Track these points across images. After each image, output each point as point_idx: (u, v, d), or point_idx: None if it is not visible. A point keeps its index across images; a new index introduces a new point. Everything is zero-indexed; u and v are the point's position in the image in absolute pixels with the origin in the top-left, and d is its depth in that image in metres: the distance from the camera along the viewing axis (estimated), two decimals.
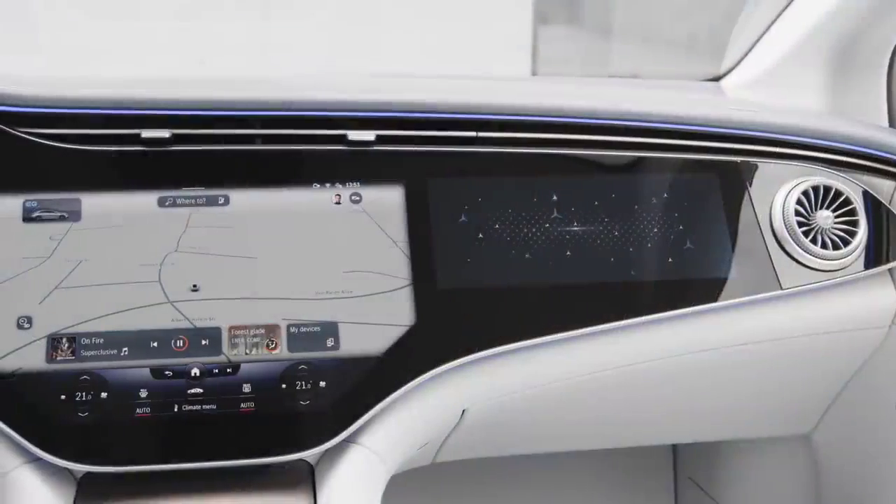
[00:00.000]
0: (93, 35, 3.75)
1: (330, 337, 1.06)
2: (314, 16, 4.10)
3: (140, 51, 3.61)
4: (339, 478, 1.03)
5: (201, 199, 1.10)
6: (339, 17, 4.15)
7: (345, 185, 1.12)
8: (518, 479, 1.72)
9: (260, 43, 4.01)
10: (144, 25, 3.86)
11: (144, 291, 1.05)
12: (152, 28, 3.85)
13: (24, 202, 1.07)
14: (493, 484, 1.71)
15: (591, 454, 1.69)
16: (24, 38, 3.51)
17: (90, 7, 3.82)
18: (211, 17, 4.02)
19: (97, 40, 3.68)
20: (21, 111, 1.11)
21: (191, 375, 1.03)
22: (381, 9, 4.21)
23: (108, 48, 3.60)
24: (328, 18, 4.14)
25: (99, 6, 3.85)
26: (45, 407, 1.00)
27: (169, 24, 3.91)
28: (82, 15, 3.88)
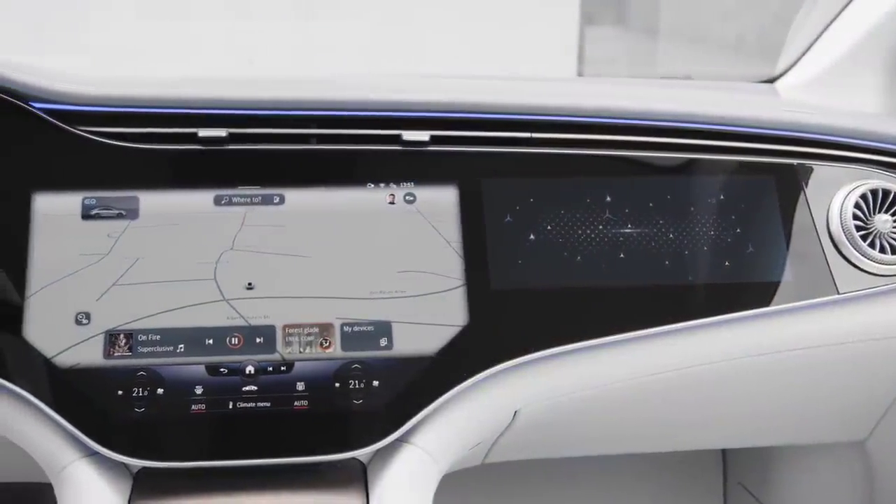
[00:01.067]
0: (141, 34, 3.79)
1: (383, 336, 1.06)
2: (360, 16, 4.11)
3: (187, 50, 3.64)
4: (392, 477, 1.03)
5: (257, 198, 1.10)
6: (385, 18, 4.16)
7: (399, 185, 1.13)
8: (566, 480, 1.71)
9: (305, 43, 4.03)
10: (191, 25, 3.89)
11: (200, 289, 1.06)
12: (199, 28, 3.88)
13: (83, 200, 1.08)
14: (540, 485, 1.70)
15: (639, 457, 1.68)
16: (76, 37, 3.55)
17: (140, 6, 3.86)
18: (257, 17, 4.04)
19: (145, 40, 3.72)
20: (81, 110, 1.12)
21: (245, 373, 1.04)
22: (426, 10, 4.21)
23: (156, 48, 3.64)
24: (374, 19, 4.15)
25: (148, 6, 3.89)
26: (102, 402, 1.01)
27: (215, 25, 3.94)
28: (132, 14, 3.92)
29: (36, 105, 1.11)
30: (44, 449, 1.02)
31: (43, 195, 1.08)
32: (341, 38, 4.04)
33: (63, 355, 1.03)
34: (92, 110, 1.12)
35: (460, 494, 1.36)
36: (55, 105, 1.12)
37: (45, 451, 1.02)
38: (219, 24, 3.96)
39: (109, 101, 1.12)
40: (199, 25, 3.91)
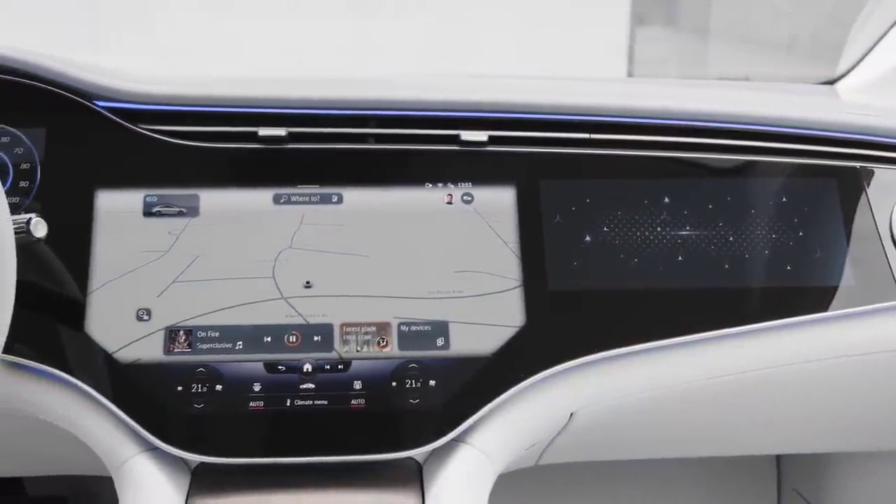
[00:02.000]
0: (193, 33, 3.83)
1: (440, 336, 1.06)
2: (412, 17, 4.12)
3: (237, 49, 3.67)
4: (448, 477, 1.03)
5: (315, 197, 1.11)
6: (435, 18, 4.16)
7: (457, 185, 1.13)
8: (617, 483, 1.70)
9: (357, 43, 4.05)
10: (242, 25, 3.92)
11: (259, 287, 1.07)
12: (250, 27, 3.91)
13: (144, 197, 1.10)
14: (590, 488, 1.70)
15: (692, 461, 1.67)
16: (131, 37, 3.59)
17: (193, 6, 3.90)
18: (309, 17, 4.07)
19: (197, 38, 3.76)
20: (143, 108, 1.14)
21: (303, 371, 1.04)
22: (476, 10, 4.21)
23: (207, 46, 3.67)
24: (425, 19, 4.16)
25: (201, 5, 3.92)
26: (162, 397, 1.03)
27: (266, 24, 3.96)
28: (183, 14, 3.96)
29: (99, 104, 1.13)
30: (105, 443, 1.03)
31: (105, 192, 1.10)
32: (393, 38, 4.05)
33: (124, 351, 1.04)
34: (154, 109, 1.13)
35: (511, 495, 1.36)
36: (118, 104, 1.13)
37: (107, 446, 1.04)
38: (270, 24, 3.99)
39: (171, 100, 1.14)
40: (250, 25, 3.94)
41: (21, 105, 1.13)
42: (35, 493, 1.62)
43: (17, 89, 1.13)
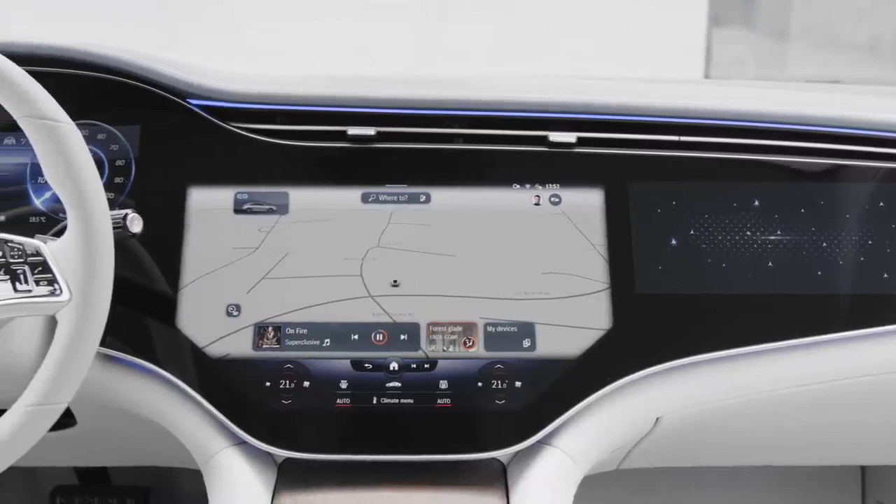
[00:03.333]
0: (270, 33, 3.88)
1: (526, 337, 1.06)
2: (486, 18, 4.12)
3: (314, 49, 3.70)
4: (533, 478, 1.03)
5: (403, 197, 1.12)
6: (511, 19, 4.16)
7: (544, 186, 1.12)
8: (698, 490, 1.68)
9: (430, 44, 4.06)
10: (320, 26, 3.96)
11: (347, 285, 1.08)
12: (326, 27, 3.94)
13: (235, 194, 1.11)
14: (669, 494, 1.68)
15: (774, 469, 1.64)
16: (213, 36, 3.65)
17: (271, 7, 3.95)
18: (383, 18, 4.09)
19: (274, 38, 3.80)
20: (235, 107, 1.15)
21: (389, 369, 1.05)
22: (552, 11, 4.20)
23: (284, 46, 3.71)
24: (499, 20, 4.16)
25: (279, 6, 3.97)
26: (251, 392, 1.04)
27: (342, 25, 3.99)
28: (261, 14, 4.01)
29: (193, 102, 1.15)
30: (195, 436, 1.05)
31: (197, 189, 1.11)
32: (467, 39, 4.05)
33: (214, 346, 1.05)
34: (246, 107, 1.15)
35: (589, 499, 1.35)
36: (211, 102, 1.15)
37: (196, 439, 1.05)
38: (343, 25, 4.02)
39: (262, 99, 1.15)
40: (325, 26, 3.98)
41: (117, 103, 1.15)
42: (119, 482, 1.65)
43: (114, 87, 1.16)
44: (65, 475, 1.63)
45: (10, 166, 1.14)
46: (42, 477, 1.64)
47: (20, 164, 1.14)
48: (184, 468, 1.41)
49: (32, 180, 1.13)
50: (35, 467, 1.57)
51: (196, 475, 1.51)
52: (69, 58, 1.14)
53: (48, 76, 0.94)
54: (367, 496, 1.02)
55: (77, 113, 0.92)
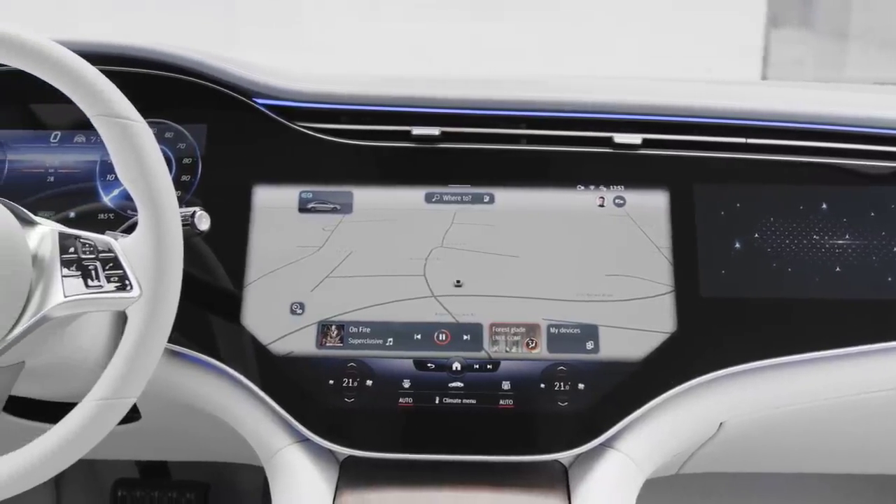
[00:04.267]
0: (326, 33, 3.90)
1: (590, 340, 1.06)
2: (539, 18, 4.11)
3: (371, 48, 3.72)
4: (595, 482, 1.02)
5: (467, 197, 1.12)
6: (565, 19, 4.14)
7: (609, 187, 1.12)
8: (757, 495, 1.66)
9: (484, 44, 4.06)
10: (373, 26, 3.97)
11: (410, 284, 1.08)
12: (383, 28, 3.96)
13: (300, 193, 1.12)
14: (730, 498, 1.66)
15: (838, 477, 1.61)
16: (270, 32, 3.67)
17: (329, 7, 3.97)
18: (438, 18, 4.10)
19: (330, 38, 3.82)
20: (300, 106, 1.16)
21: (452, 369, 1.05)
22: (607, 11, 4.18)
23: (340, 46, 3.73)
24: (553, 20, 4.14)
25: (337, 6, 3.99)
26: (314, 390, 1.05)
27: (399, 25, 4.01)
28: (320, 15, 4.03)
29: (259, 101, 1.16)
30: (258, 433, 1.06)
31: (262, 188, 1.12)
32: (520, 38, 4.04)
33: (278, 343, 1.06)
34: (311, 107, 1.16)
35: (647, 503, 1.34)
36: (276, 101, 1.16)
37: (260, 436, 1.06)
38: (398, 25, 4.03)
39: (328, 98, 1.16)
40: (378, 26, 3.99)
41: (184, 101, 1.17)
42: (178, 477, 1.67)
43: (181, 86, 1.17)
44: (126, 468, 1.65)
45: (81, 164, 1.16)
46: (103, 470, 1.66)
47: (90, 162, 1.16)
48: (241, 464, 1.42)
49: (102, 178, 1.15)
50: (96, 460, 1.59)
51: (254, 471, 1.52)
52: (139, 57, 1.16)
53: (118, 75, 0.95)
54: (428, 496, 1.02)
55: (145, 111, 0.93)
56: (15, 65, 0.90)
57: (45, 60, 0.90)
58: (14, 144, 1.17)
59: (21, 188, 1.14)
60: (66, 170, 1.16)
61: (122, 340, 0.90)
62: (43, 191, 1.15)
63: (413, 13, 4.15)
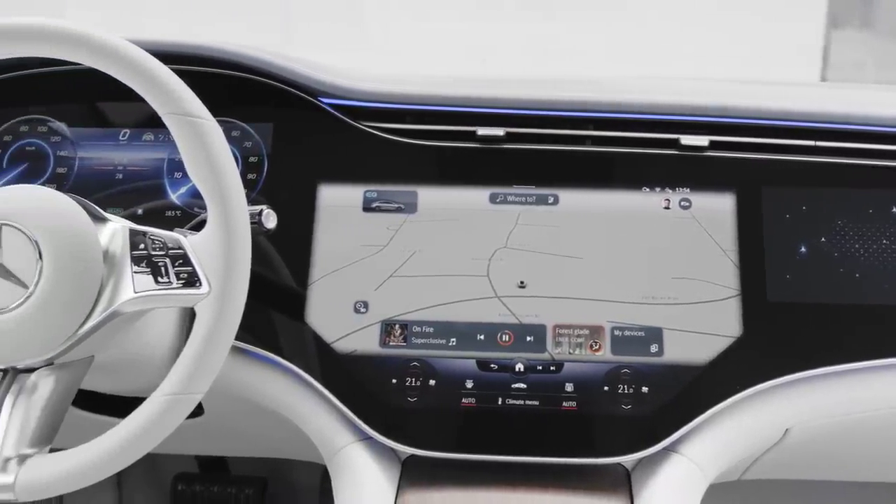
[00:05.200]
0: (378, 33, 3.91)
1: (654, 343, 1.05)
2: (597, 18, 4.09)
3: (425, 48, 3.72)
4: (659, 486, 1.01)
5: (531, 198, 1.11)
6: (621, 19, 4.12)
7: (675, 189, 1.11)
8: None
9: (539, 44, 4.05)
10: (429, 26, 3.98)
11: (474, 285, 1.08)
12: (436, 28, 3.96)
13: (364, 192, 1.13)
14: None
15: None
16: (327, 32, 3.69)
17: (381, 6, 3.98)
18: (492, 18, 4.09)
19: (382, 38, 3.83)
20: (365, 106, 1.17)
21: (515, 370, 1.05)
22: (663, 11, 4.14)
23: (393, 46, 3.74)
24: (609, 20, 4.12)
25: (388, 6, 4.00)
26: (377, 389, 1.05)
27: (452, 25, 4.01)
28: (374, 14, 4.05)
29: (324, 100, 1.17)
30: (322, 431, 1.07)
31: (328, 187, 1.13)
32: (576, 39, 4.03)
33: (342, 342, 1.07)
34: (377, 106, 1.16)
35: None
36: (342, 101, 1.17)
37: (323, 433, 1.07)
38: (456, 25, 4.03)
39: (394, 98, 1.16)
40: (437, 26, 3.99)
41: (251, 100, 1.18)
42: (236, 472, 1.68)
43: (247, 85, 1.18)
44: (186, 463, 1.67)
45: (149, 161, 1.17)
46: (163, 464, 1.68)
47: (158, 160, 1.17)
48: (299, 460, 1.43)
49: (169, 175, 1.16)
50: (158, 454, 1.61)
51: (311, 467, 1.54)
52: (209, 57, 1.17)
53: (188, 74, 0.96)
54: (490, 496, 1.02)
55: (213, 110, 0.93)
56: (90, 64, 0.91)
57: (120, 60, 0.91)
58: (84, 142, 1.19)
59: (90, 185, 1.16)
60: (135, 167, 1.17)
61: (190, 336, 0.91)
62: (112, 187, 1.17)
63: (469, 13, 4.14)
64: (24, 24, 0.91)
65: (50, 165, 1.18)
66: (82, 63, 0.92)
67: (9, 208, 0.90)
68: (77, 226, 0.91)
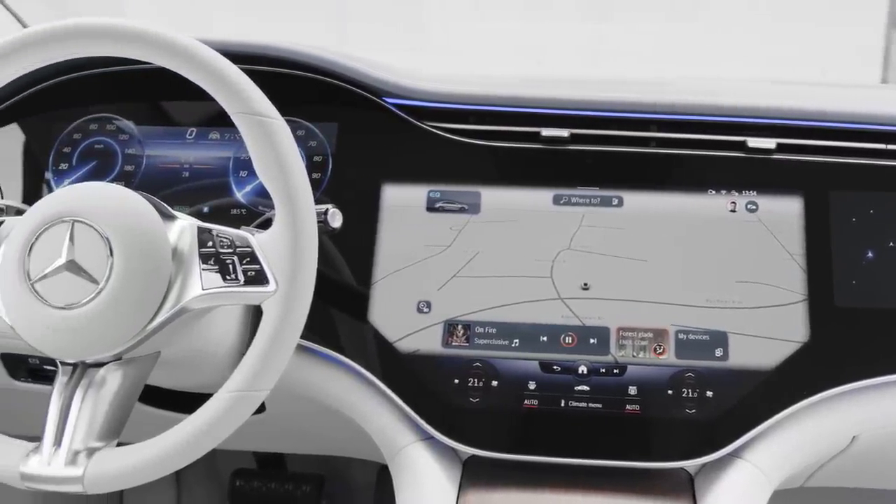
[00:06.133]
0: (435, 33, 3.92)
1: (719, 347, 1.04)
2: (650, 19, 4.06)
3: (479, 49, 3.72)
4: (723, 491, 1.00)
5: (595, 199, 1.11)
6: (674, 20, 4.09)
7: (741, 192, 1.10)
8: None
9: (594, 44, 4.03)
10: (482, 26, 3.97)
11: (537, 286, 1.08)
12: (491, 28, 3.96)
13: (428, 192, 1.13)
14: None
15: None
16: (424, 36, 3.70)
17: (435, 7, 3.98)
18: (546, 18, 4.08)
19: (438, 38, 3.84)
20: (429, 106, 1.17)
21: (578, 372, 1.05)
22: (722, 13, 4.11)
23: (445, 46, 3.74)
24: (664, 20, 4.09)
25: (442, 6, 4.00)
26: (439, 389, 1.05)
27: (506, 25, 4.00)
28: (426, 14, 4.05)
29: (389, 101, 1.17)
30: (384, 430, 1.07)
31: (391, 186, 1.13)
32: (630, 40, 4.00)
33: (404, 341, 1.07)
34: (441, 107, 1.17)
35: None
36: (406, 101, 1.17)
37: (384, 432, 1.07)
38: (509, 25, 4.03)
39: (458, 99, 1.16)
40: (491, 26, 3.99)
41: (316, 100, 1.19)
42: (293, 468, 1.70)
43: (313, 85, 1.19)
44: (244, 459, 1.68)
45: (215, 160, 1.18)
46: (222, 459, 1.70)
47: (224, 158, 1.18)
48: (354, 458, 1.44)
49: (235, 174, 1.17)
50: (217, 450, 1.63)
51: (367, 465, 1.54)
52: (274, 56, 1.18)
53: (254, 73, 0.97)
54: (552, 498, 1.02)
55: (278, 109, 0.94)
56: (163, 63, 0.92)
57: (192, 59, 0.92)
58: (151, 140, 1.20)
59: (157, 182, 1.18)
60: (201, 165, 1.18)
61: (257, 334, 0.91)
62: (178, 185, 1.18)
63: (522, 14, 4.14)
64: (101, 24, 0.92)
65: (118, 163, 1.20)
66: (155, 63, 0.93)
67: (81, 206, 0.92)
68: (147, 224, 0.92)
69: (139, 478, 0.90)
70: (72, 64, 1.22)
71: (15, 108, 1.25)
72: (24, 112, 1.25)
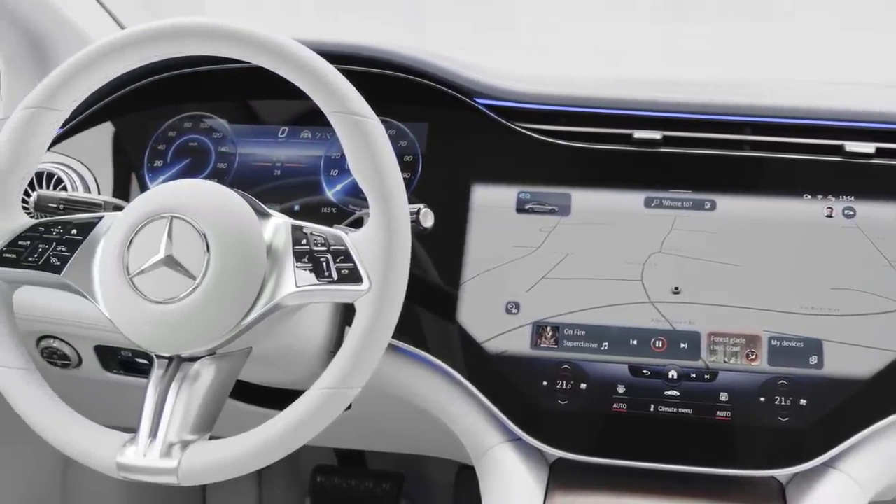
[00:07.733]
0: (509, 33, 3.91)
1: (813, 354, 1.02)
2: (728, 19, 4.01)
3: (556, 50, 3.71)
4: (816, 502, 0.98)
5: (688, 203, 1.10)
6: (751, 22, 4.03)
7: (838, 197, 1.08)
8: None
9: (671, 45, 3.99)
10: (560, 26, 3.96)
11: (627, 289, 1.07)
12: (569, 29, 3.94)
13: (518, 193, 1.13)
14: None
15: None
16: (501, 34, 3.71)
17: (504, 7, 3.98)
18: (621, 19, 4.05)
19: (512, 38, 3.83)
20: (520, 107, 1.17)
21: (668, 377, 1.04)
22: (803, 14, 4.03)
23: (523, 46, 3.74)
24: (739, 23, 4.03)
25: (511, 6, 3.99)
26: (527, 391, 1.05)
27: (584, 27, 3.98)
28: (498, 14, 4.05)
29: (479, 101, 1.17)
30: (471, 430, 1.07)
31: (481, 187, 1.13)
32: (705, 41, 3.95)
33: (492, 342, 1.07)
34: (531, 108, 1.16)
35: None
36: (497, 101, 1.17)
37: (472, 432, 1.07)
38: (587, 26, 4.01)
39: (549, 100, 1.16)
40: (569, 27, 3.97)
41: (406, 100, 1.19)
42: (372, 466, 1.71)
43: (403, 85, 1.20)
44: (324, 455, 1.70)
45: (306, 158, 1.20)
46: (303, 455, 1.71)
47: (315, 157, 1.19)
48: (433, 457, 1.44)
49: (326, 172, 1.18)
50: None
51: (445, 465, 1.54)
52: (366, 56, 1.19)
53: (347, 73, 0.98)
54: (637, 503, 1.01)
55: None
56: (260, 62, 0.94)
57: (289, 59, 0.93)
58: (244, 139, 1.22)
59: (249, 180, 1.19)
60: (292, 164, 1.20)
61: (349, 332, 0.92)
62: (269, 183, 1.20)
63: (599, 14, 4.11)
64: (200, 24, 0.94)
65: (211, 161, 1.22)
66: (253, 62, 0.94)
67: (179, 202, 0.93)
68: (243, 221, 0.94)
69: (232, 471, 0.91)
70: (165, 63, 1.24)
71: (111, 107, 1.27)
72: (120, 111, 1.27)
